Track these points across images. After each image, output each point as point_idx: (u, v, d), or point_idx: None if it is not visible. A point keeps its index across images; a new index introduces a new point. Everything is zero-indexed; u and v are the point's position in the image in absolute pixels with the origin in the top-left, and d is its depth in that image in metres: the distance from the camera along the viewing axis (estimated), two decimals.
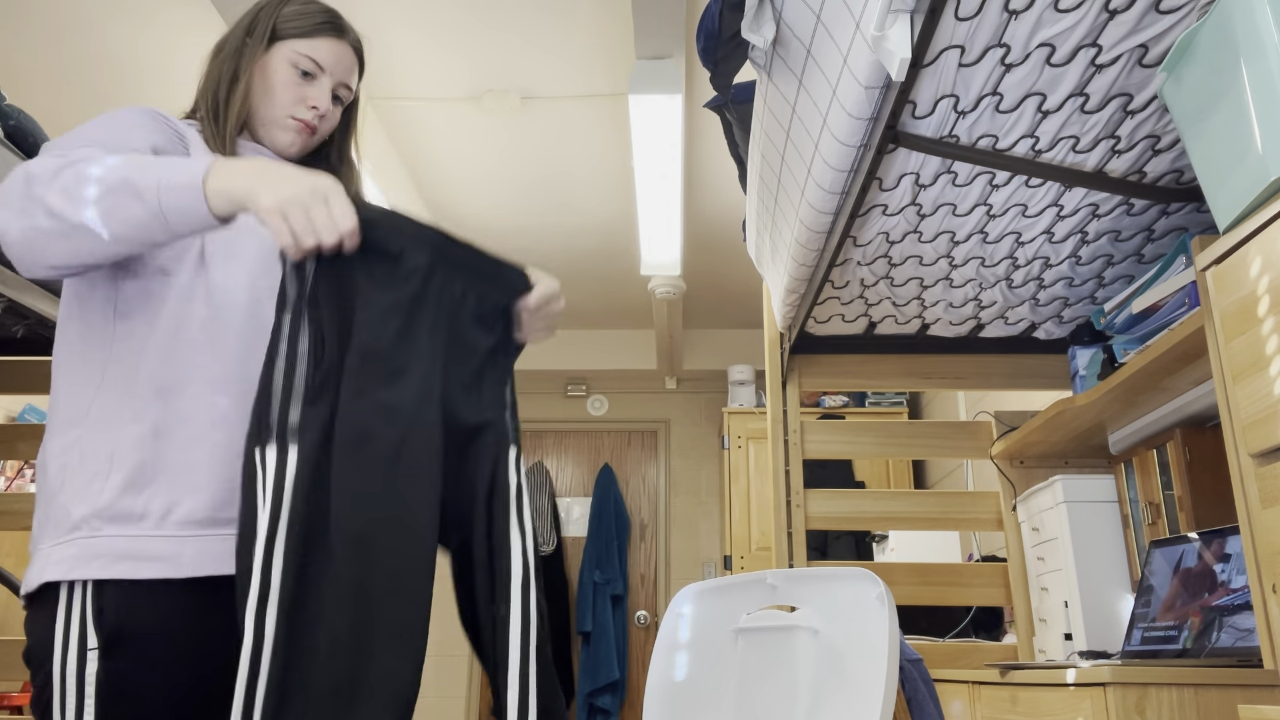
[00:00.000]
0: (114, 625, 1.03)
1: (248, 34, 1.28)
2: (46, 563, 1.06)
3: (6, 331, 2.36)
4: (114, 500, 1.06)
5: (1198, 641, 1.61)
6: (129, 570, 1.04)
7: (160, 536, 1.07)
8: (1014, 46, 1.36)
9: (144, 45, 3.12)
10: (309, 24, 1.29)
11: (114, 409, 1.10)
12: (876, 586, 1.40)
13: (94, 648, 1.03)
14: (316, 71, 1.29)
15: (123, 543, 1.05)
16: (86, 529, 1.05)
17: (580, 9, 2.93)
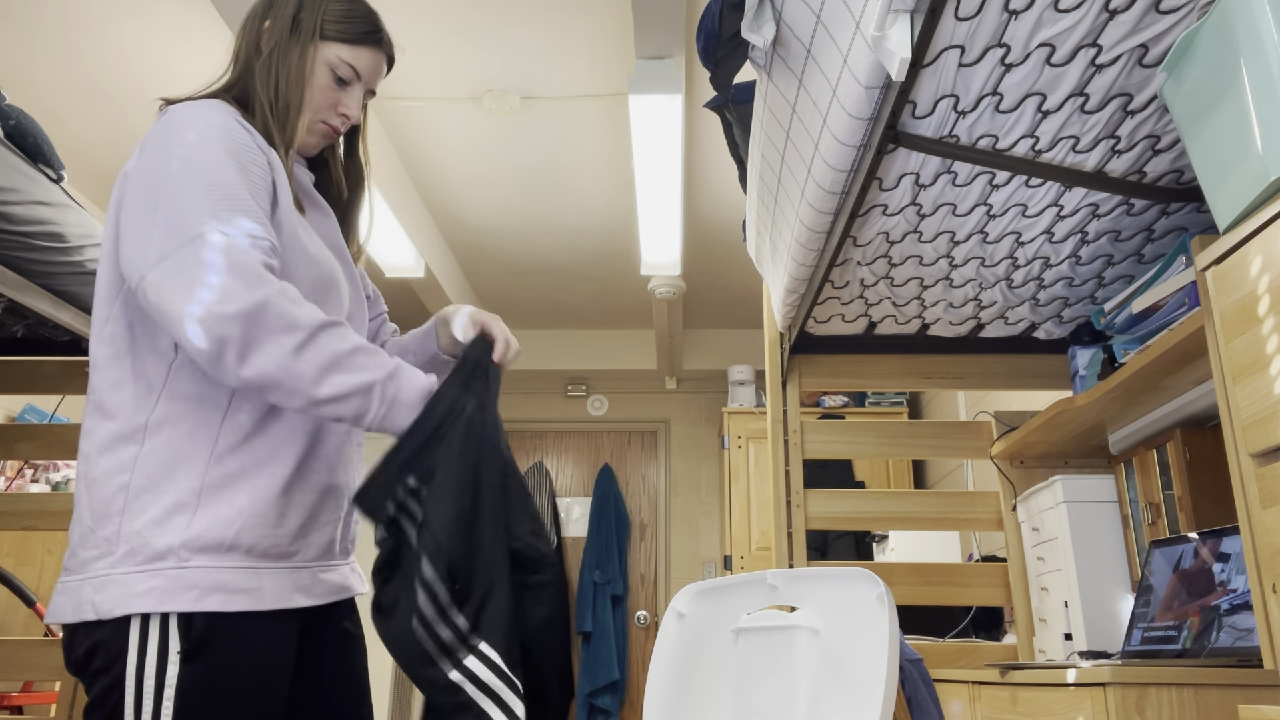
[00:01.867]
0: (200, 636, 1.05)
1: (294, 30, 1.25)
2: (128, 593, 1.04)
3: (6, 331, 2.36)
4: (203, 532, 1.07)
5: (1198, 641, 1.61)
6: (220, 603, 1.06)
7: (245, 568, 1.09)
8: (1014, 46, 1.36)
9: (144, 45, 3.12)
10: (355, 31, 1.28)
11: (187, 441, 1.11)
12: (876, 586, 1.40)
13: (179, 651, 1.04)
14: (353, 79, 1.29)
15: (214, 574, 1.07)
16: (174, 559, 1.05)
17: (580, 9, 2.93)
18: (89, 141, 3.68)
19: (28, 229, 2.02)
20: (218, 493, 1.09)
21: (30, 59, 3.19)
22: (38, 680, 2.77)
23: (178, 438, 1.11)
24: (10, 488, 3.34)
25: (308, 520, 1.17)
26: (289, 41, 1.25)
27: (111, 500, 1.09)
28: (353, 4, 1.31)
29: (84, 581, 1.07)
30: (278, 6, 1.28)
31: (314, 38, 1.26)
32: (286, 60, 1.24)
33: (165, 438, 1.11)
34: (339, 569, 1.24)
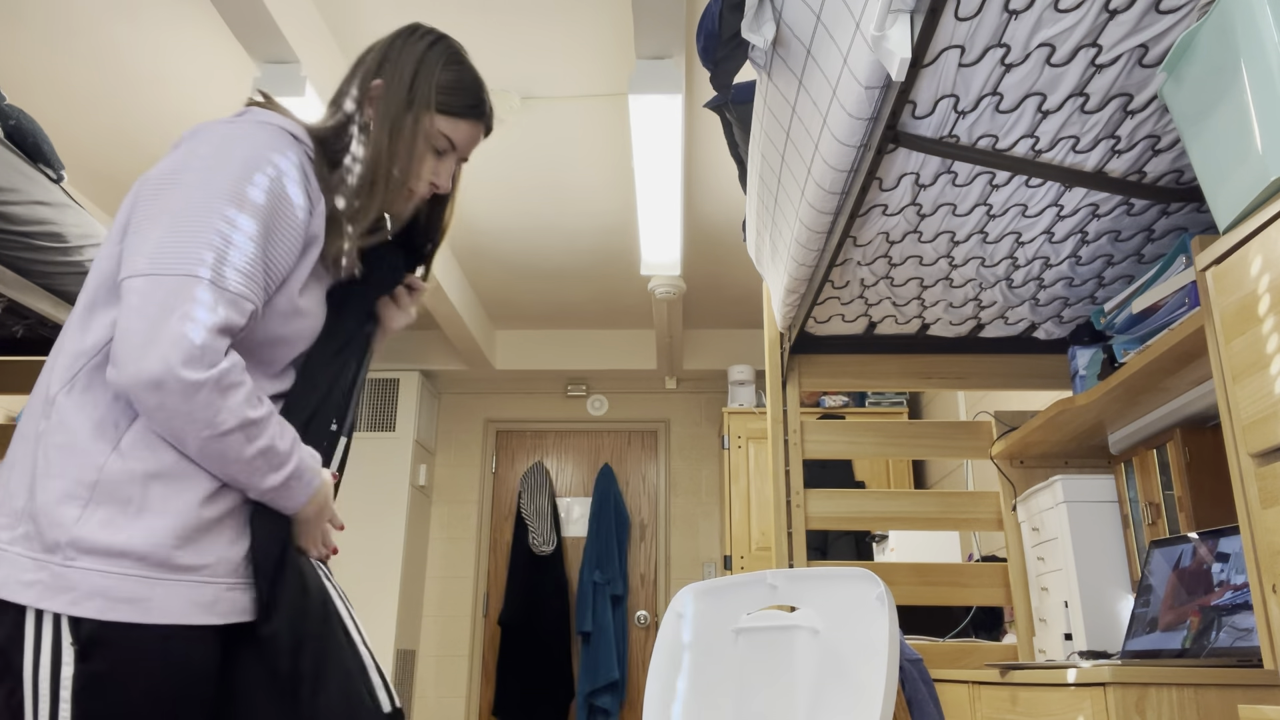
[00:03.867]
0: (90, 639, 1.01)
1: (408, 103, 1.25)
2: (16, 578, 1.01)
3: (6, 331, 2.36)
4: (92, 532, 1.02)
5: (1197, 641, 1.61)
6: (98, 610, 1.01)
7: (135, 577, 1.03)
8: (1014, 46, 1.36)
9: (144, 45, 3.12)
10: (461, 104, 1.28)
11: (91, 424, 1.06)
12: (876, 586, 1.40)
13: (71, 645, 1.00)
14: (449, 150, 1.30)
15: (96, 579, 1.01)
16: (60, 555, 1.01)
17: (580, 9, 2.93)
18: (88, 142, 3.68)
19: (28, 229, 2.02)
20: (115, 490, 1.04)
21: (29, 59, 3.19)
22: None
23: (84, 417, 1.07)
24: None
25: (220, 533, 1.10)
26: (403, 109, 1.25)
27: (39, 463, 1.05)
28: (462, 72, 1.30)
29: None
30: (392, 65, 1.27)
31: (428, 109, 1.25)
32: (400, 129, 1.24)
33: (72, 411, 1.07)
34: (249, 590, 1.15)
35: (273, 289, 1.13)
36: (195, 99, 3.41)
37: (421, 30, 1.32)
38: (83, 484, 1.04)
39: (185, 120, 3.55)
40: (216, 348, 1.04)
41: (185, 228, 1.05)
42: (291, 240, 1.14)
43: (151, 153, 3.78)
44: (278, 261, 1.12)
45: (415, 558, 5.34)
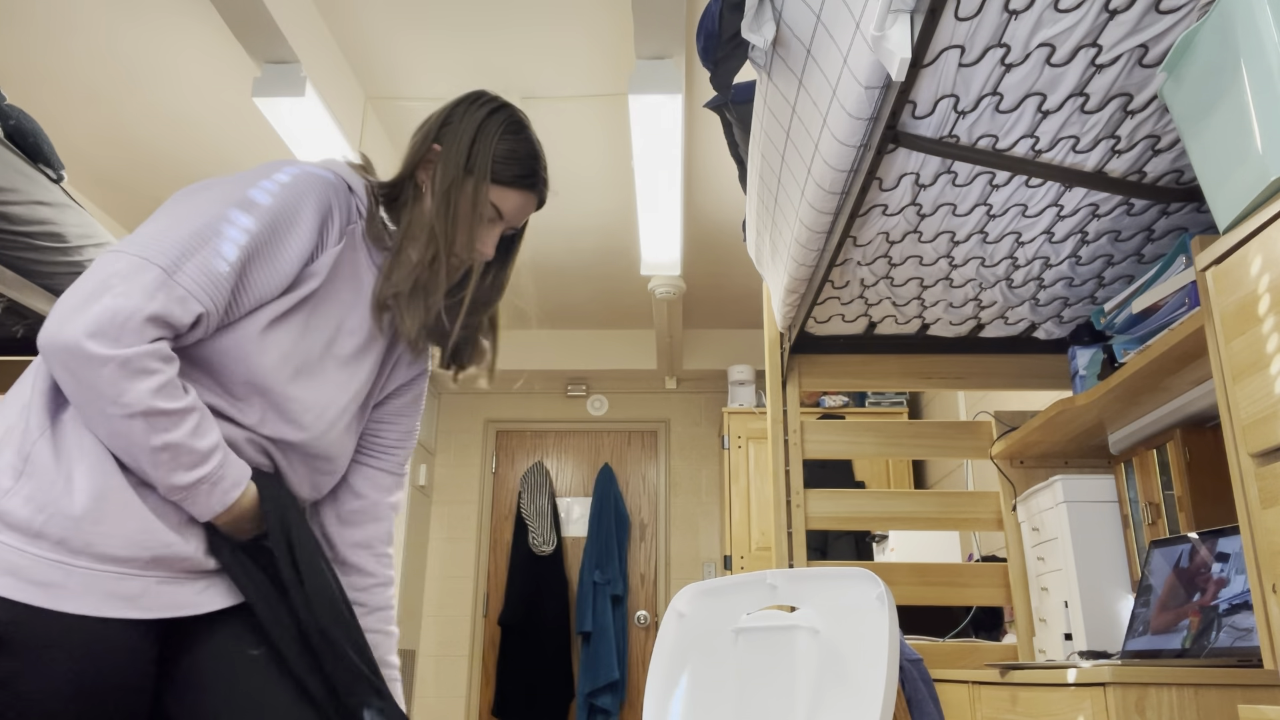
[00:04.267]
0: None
1: (467, 170, 1.26)
2: None
3: (6, 331, 2.36)
4: (14, 508, 1.00)
5: (1198, 641, 1.61)
6: (8, 588, 0.98)
7: (50, 561, 1.00)
8: (1014, 46, 1.36)
9: (144, 46, 3.12)
10: (513, 173, 1.28)
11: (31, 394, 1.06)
12: (876, 586, 1.40)
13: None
14: (496, 219, 1.30)
15: (11, 555, 0.99)
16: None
17: (580, 9, 2.93)
18: (88, 142, 3.68)
19: (28, 229, 2.02)
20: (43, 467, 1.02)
21: (29, 59, 3.19)
22: None
23: (25, 388, 1.07)
24: None
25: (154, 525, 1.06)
26: (463, 177, 1.26)
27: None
28: (519, 142, 1.30)
29: None
30: (453, 130, 1.29)
31: (486, 179, 1.26)
32: (456, 197, 1.25)
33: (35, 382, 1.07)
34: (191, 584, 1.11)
35: (244, 308, 1.13)
36: (195, 99, 3.41)
37: (485, 99, 1.33)
38: (21, 456, 1.03)
39: (185, 120, 3.55)
40: (137, 331, 1.01)
41: (174, 225, 1.08)
42: (274, 274, 1.14)
43: (151, 152, 3.78)
44: (253, 286, 1.12)
45: (415, 558, 5.35)
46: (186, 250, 1.06)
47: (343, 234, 1.22)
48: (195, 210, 1.10)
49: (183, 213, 1.09)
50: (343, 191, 1.23)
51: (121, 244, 1.06)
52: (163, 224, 1.08)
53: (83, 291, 1.02)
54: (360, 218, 1.25)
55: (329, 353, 1.22)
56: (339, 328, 1.23)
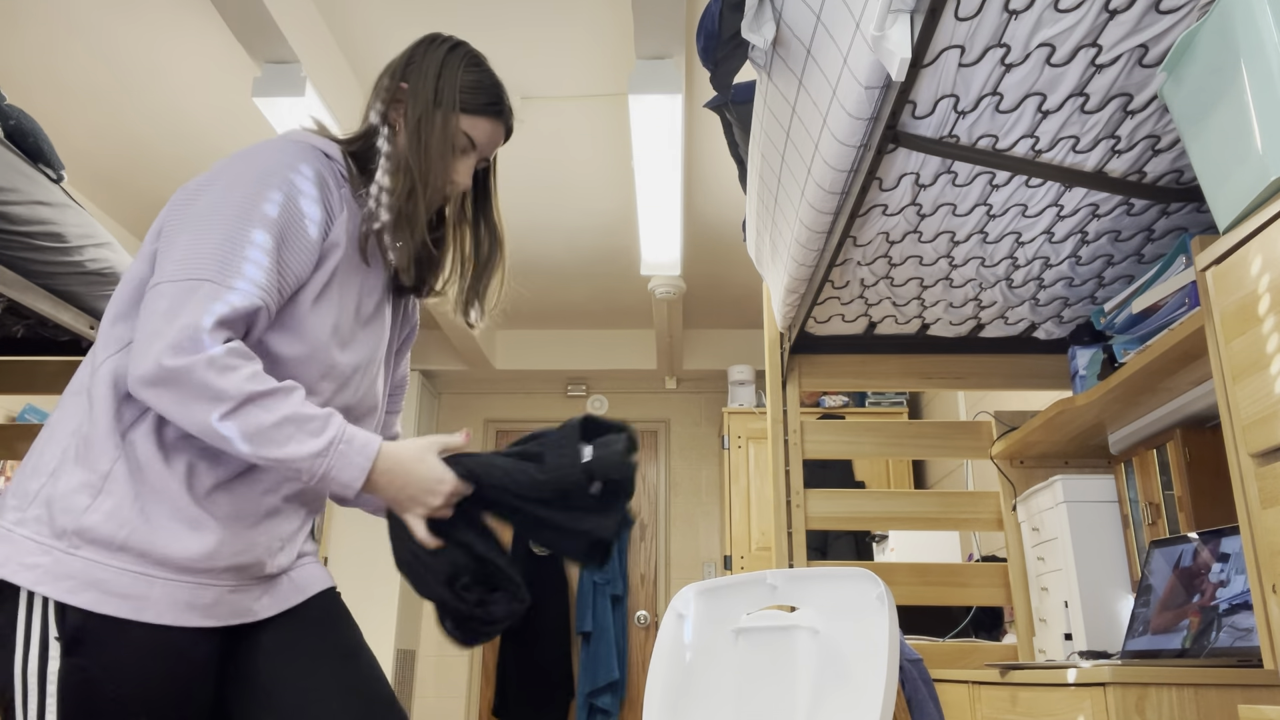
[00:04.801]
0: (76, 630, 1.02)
1: (435, 103, 1.27)
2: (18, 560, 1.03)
3: (6, 331, 2.36)
4: (98, 523, 1.05)
5: (1198, 641, 1.61)
6: (92, 602, 1.03)
7: (133, 573, 1.05)
8: (1014, 46, 1.36)
9: (144, 45, 3.12)
10: (480, 101, 1.30)
11: (110, 415, 1.10)
12: (876, 586, 1.40)
13: (57, 638, 1.01)
14: (469, 149, 1.31)
15: (96, 569, 1.04)
16: (66, 542, 1.03)
17: (580, 9, 2.93)
18: (88, 142, 3.68)
19: (28, 229, 2.02)
20: (121, 484, 1.07)
21: (29, 59, 3.19)
22: None
23: (103, 408, 1.10)
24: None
25: (227, 538, 1.12)
26: (430, 108, 1.27)
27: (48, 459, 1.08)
28: (482, 74, 1.32)
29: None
30: (417, 68, 1.30)
31: (454, 109, 1.28)
32: (428, 127, 1.26)
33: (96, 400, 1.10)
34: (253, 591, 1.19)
35: (286, 293, 1.15)
36: (195, 99, 3.41)
37: (441, 37, 1.34)
38: (98, 474, 1.06)
39: (185, 120, 3.55)
40: (209, 337, 1.05)
41: (200, 238, 1.09)
42: (303, 251, 1.16)
43: (151, 152, 3.78)
44: (290, 270, 1.15)
45: None
46: (223, 255, 1.08)
47: (340, 201, 1.23)
48: (211, 216, 1.11)
49: (200, 224, 1.11)
50: (322, 159, 1.24)
51: (158, 278, 1.08)
52: (187, 242, 1.09)
53: (146, 331, 1.05)
54: (345, 180, 1.26)
55: (358, 316, 1.26)
56: (359, 290, 1.26)
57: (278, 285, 1.13)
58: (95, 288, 2.24)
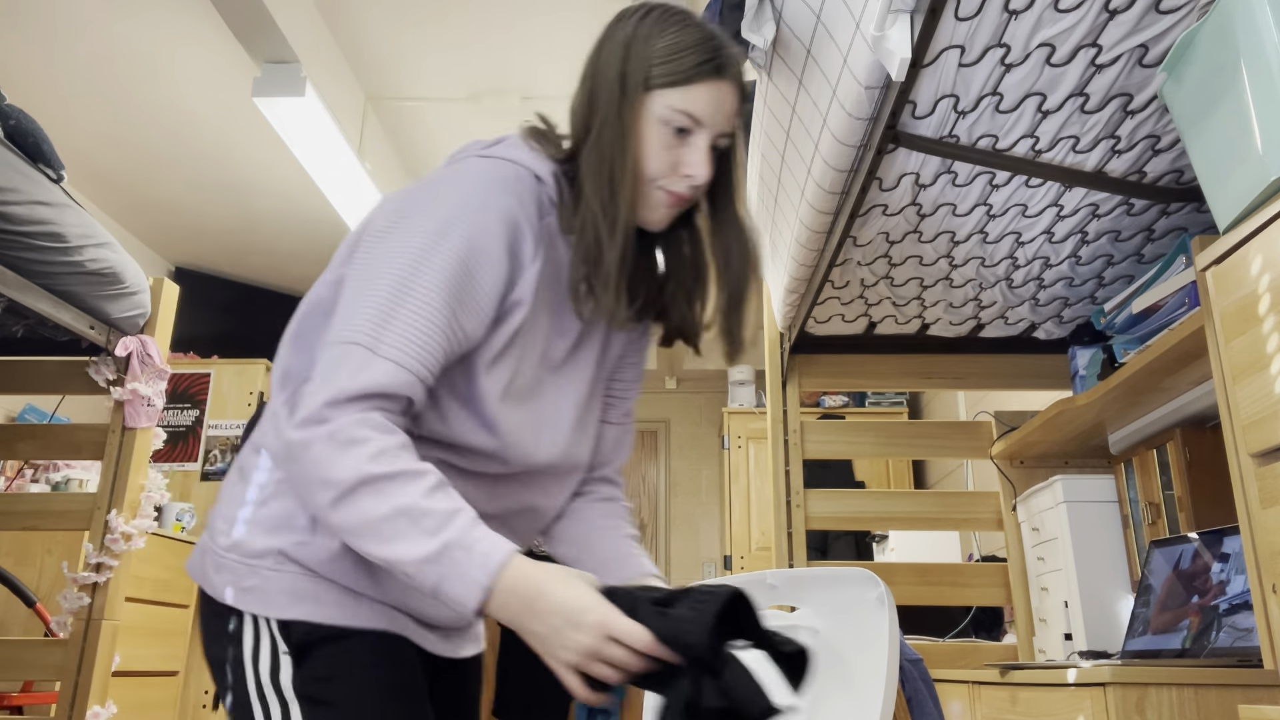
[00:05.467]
0: (303, 642, 0.97)
1: (621, 88, 1.03)
2: (236, 585, 0.99)
3: (6, 331, 2.36)
4: (311, 554, 0.99)
5: (1197, 641, 1.61)
6: (309, 612, 0.98)
7: (341, 589, 1.00)
8: (1014, 46, 1.36)
9: (144, 46, 3.12)
10: (685, 68, 1.02)
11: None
12: (876, 587, 1.40)
13: (285, 652, 0.97)
14: (693, 127, 1.03)
15: (307, 583, 0.99)
16: (271, 560, 0.99)
17: (580, 9, 2.93)
18: (88, 142, 3.68)
19: (28, 229, 2.02)
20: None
21: (30, 59, 3.19)
22: (38, 680, 2.77)
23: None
24: (10, 488, 3.34)
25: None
26: (618, 103, 1.03)
27: (259, 481, 1.03)
28: (681, 33, 1.04)
29: (205, 553, 1.03)
30: (604, 58, 1.06)
31: (641, 91, 1.03)
32: (609, 130, 1.03)
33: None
34: (442, 633, 1.09)
35: (454, 358, 0.99)
36: (195, 99, 3.41)
37: (628, 10, 1.08)
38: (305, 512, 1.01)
39: (185, 120, 3.55)
40: (343, 407, 0.91)
41: (366, 292, 0.96)
42: (480, 313, 0.98)
43: (151, 152, 3.78)
44: (463, 332, 0.98)
45: None
46: (382, 318, 0.93)
47: (538, 242, 1.02)
48: (384, 267, 0.96)
49: (371, 275, 0.97)
50: (529, 185, 1.03)
51: (331, 334, 0.97)
52: (352, 296, 0.97)
53: (299, 397, 0.96)
54: (553, 207, 1.06)
55: (544, 361, 1.07)
56: (548, 336, 1.07)
57: (444, 353, 0.96)
58: (95, 288, 2.25)
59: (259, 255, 4.66)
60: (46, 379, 2.58)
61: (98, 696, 2.32)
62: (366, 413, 0.91)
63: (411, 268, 0.95)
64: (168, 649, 3.58)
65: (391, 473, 0.89)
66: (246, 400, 4.44)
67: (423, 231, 0.97)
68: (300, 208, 4.17)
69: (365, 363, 0.92)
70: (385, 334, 0.93)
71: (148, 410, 2.48)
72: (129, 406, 2.46)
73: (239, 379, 4.48)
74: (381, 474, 0.89)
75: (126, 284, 2.34)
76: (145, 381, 2.46)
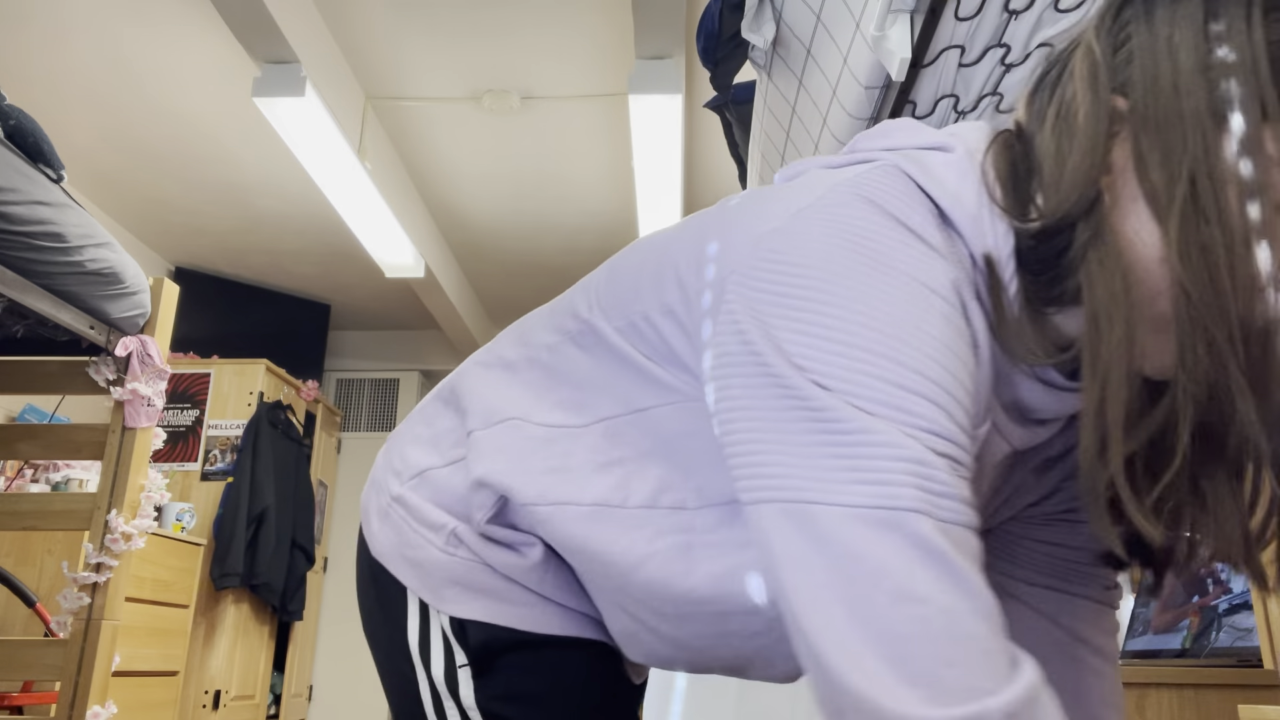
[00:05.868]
0: (481, 646, 0.75)
1: (1214, 107, 0.54)
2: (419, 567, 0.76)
3: (6, 331, 2.36)
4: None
5: (1197, 641, 1.61)
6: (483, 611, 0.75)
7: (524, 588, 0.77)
8: (1014, 46, 1.36)
9: (144, 46, 3.12)
10: None
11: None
12: None
13: (463, 665, 0.75)
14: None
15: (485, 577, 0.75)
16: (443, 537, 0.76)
17: (580, 9, 2.93)
18: (88, 142, 3.68)
19: (28, 229, 2.02)
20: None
21: (29, 59, 3.19)
22: (38, 680, 2.77)
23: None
24: (10, 488, 3.34)
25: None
26: (1184, 137, 0.55)
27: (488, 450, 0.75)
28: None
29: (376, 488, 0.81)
30: (1149, 57, 0.57)
31: (1261, 119, 0.54)
32: (1210, 186, 0.54)
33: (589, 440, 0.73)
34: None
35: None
36: (195, 99, 3.42)
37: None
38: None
39: (185, 120, 3.55)
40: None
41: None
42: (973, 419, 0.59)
43: (152, 152, 3.78)
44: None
45: None
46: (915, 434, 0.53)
47: (976, 337, 0.60)
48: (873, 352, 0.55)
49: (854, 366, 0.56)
50: (965, 263, 0.60)
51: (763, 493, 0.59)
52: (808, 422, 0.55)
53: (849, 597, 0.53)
54: (981, 306, 0.60)
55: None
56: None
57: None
58: (95, 288, 2.25)
59: (259, 255, 4.66)
60: (46, 379, 2.58)
61: (98, 696, 2.32)
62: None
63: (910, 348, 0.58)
64: (168, 649, 3.58)
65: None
66: (246, 400, 4.44)
67: (888, 295, 0.58)
68: (300, 208, 4.17)
69: (920, 533, 0.54)
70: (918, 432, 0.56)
71: (148, 410, 2.48)
72: (129, 406, 2.46)
73: (239, 379, 4.48)
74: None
75: (126, 284, 2.34)
76: (145, 381, 2.46)
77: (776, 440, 0.56)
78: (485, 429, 0.77)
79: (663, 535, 0.70)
